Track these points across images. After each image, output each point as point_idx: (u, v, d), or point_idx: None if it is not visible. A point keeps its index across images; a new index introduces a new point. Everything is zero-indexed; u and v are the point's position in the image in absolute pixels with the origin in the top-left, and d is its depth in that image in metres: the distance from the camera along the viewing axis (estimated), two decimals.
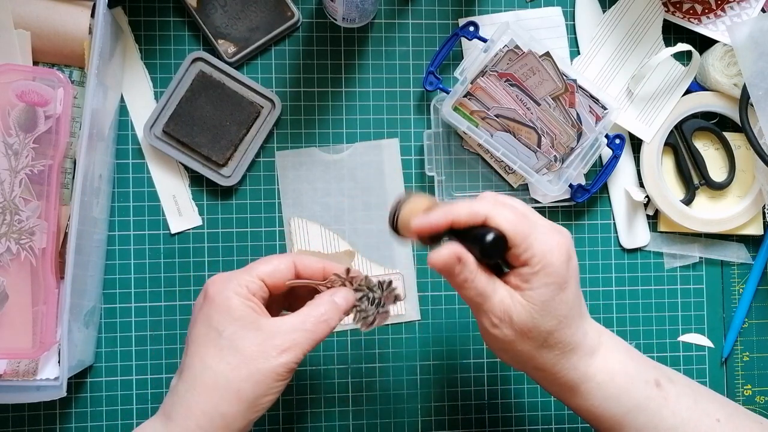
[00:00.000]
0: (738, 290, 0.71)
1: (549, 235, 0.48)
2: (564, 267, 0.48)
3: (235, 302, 0.48)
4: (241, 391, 0.47)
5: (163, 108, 0.65)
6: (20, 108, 0.58)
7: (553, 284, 0.47)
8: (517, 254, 0.47)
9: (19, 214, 0.58)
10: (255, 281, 0.50)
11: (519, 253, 0.47)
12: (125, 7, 0.66)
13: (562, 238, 0.49)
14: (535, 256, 0.47)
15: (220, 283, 0.49)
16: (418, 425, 0.68)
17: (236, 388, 0.47)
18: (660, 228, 0.70)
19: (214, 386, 0.47)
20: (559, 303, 0.48)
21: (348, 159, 0.68)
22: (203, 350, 0.48)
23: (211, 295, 0.49)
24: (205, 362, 0.47)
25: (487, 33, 0.65)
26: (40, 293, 0.58)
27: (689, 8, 0.69)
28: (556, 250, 0.47)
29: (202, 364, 0.48)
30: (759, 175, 0.69)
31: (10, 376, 0.59)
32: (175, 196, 0.66)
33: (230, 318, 0.48)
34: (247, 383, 0.47)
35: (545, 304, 0.47)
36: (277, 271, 0.51)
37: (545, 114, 0.65)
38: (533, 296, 0.47)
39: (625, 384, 0.50)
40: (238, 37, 0.66)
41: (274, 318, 0.49)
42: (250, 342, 0.47)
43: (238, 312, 0.48)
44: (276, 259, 0.51)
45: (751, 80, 0.66)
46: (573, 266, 0.49)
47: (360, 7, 0.63)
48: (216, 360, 0.47)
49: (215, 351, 0.48)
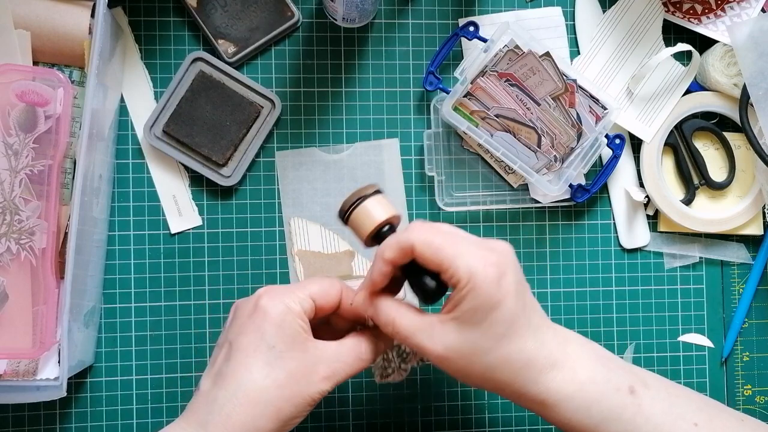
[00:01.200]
0: (738, 290, 0.71)
1: (476, 255, 0.47)
2: (493, 286, 0.46)
3: (289, 318, 0.48)
4: (281, 411, 0.47)
5: (163, 108, 0.65)
6: (20, 108, 0.58)
7: (482, 306, 0.46)
8: (447, 277, 0.47)
9: (19, 214, 0.58)
10: (307, 300, 0.50)
11: (448, 276, 0.47)
12: (125, 7, 0.66)
13: (492, 256, 0.47)
14: (462, 280, 0.46)
15: (276, 296, 0.49)
16: (418, 425, 0.68)
17: (278, 407, 0.47)
18: (660, 228, 0.70)
19: (257, 400, 0.47)
20: (494, 323, 0.47)
21: (348, 159, 0.68)
22: (251, 361, 0.47)
23: (264, 306, 0.49)
24: (251, 374, 0.47)
25: (487, 33, 0.65)
26: (40, 293, 0.58)
27: (689, 8, 0.69)
28: (482, 270, 0.46)
29: (249, 375, 0.47)
30: (759, 175, 0.69)
31: (10, 376, 0.59)
32: (175, 196, 0.66)
33: (282, 333, 0.48)
34: (287, 403, 0.47)
35: (477, 326, 0.47)
36: (327, 293, 0.51)
37: (545, 114, 0.65)
38: (464, 317, 0.47)
39: (594, 394, 0.49)
40: (238, 37, 0.66)
41: (318, 341, 0.50)
42: (298, 363, 0.48)
43: (289, 329, 0.48)
44: (327, 283, 0.52)
45: (751, 80, 0.66)
46: (507, 283, 0.47)
47: (360, 7, 0.63)
48: (263, 374, 0.47)
49: (263, 364, 0.47)
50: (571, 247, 0.70)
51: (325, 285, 0.51)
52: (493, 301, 0.46)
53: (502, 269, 0.47)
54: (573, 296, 0.69)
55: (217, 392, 0.47)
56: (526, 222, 0.69)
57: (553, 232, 0.69)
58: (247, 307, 0.50)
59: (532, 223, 0.69)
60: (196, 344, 0.66)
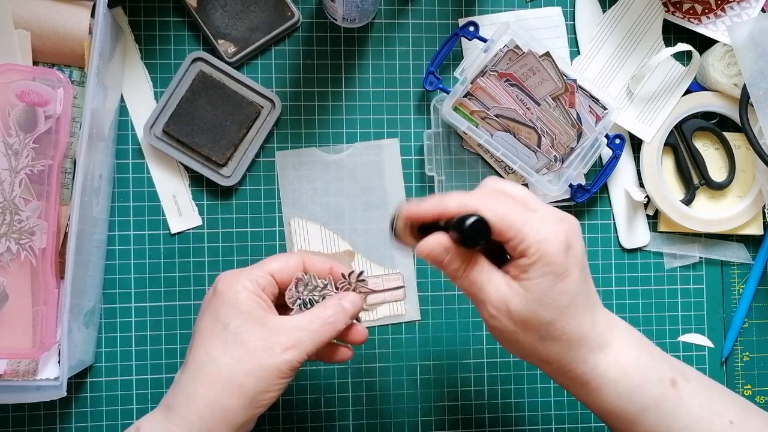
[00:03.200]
0: (738, 290, 0.71)
1: (546, 223, 0.46)
2: (561, 256, 0.46)
3: (243, 296, 0.49)
4: (244, 385, 0.47)
5: (163, 108, 0.65)
6: (20, 108, 0.58)
7: (550, 274, 0.46)
8: (513, 246, 0.46)
9: (19, 214, 0.58)
10: (265, 276, 0.50)
11: (514, 244, 0.46)
12: (125, 7, 0.66)
13: (562, 225, 0.47)
14: (531, 247, 0.46)
15: (230, 278, 0.50)
16: (418, 425, 0.68)
17: (239, 382, 0.47)
18: (660, 228, 0.70)
19: (216, 378, 0.47)
20: (559, 293, 0.46)
21: (348, 159, 0.68)
22: (208, 342, 0.48)
23: (220, 289, 0.50)
24: (209, 354, 0.48)
25: (487, 33, 0.65)
26: (40, 293, 0.58)
27: (689, 8, 0.69)
28: (553, 239, 0.46)
29: (207, 356, 0.48)
30: (759, 175, 0.69)
31: (10, 376, 0.59)
32: (175, 196, 0.66)
33: (237, 312, 0.48)
34: (249, 377, 0.47)
35: (543, 294, 0.46)
36: (286, 267, 0.51)
37: (545, 114, 0.65)
38: (530, 286, 0.46)
39: (638, 381, 0.49)
40: (238, 37, 0.66)
41: (281, 315, 0.50)
42: (255, 337, 0.48)
43: (245, 306, 0.49)
44: (285, 257, 0.52)
45: (751, 80, 0.66)
46: (574, 254, 0.47)
47: (360, 7, 0.63)
48: (220, 353, 0.48)
49: (220, 344, 0.48)
50: None
51: (283, 259, 0.52)
52: (561, 270, 0.46)
53: (571, 240, 0.47)
54: None
55: (180, 377, 0.49)
56: None
57: None
58: (208, 294, 0.51)
59: None
60: None
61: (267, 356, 0.47)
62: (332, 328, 0.50)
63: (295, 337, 0.48)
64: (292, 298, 0.52)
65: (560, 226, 0.47)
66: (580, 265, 0.47)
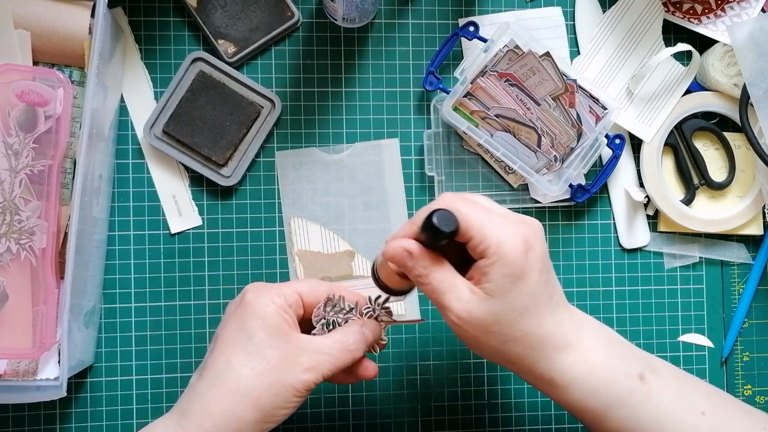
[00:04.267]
0: (738, 290, 0.71)
1: (506, 226, 0.47)
2: (521, 257, 0.47)
3: (271, 309, 0.49)
4: (260, 399, 0.47)
5: (163, 108, 0.65)
6: (20, 108, 0.58)
7: (510, 275, 0.46)
8: (473, 246, 0.47)
9: (19, 214, 0.58)
10: (293, 294, 0.51)
11: (474, 244, 0.47)
12: (125, 7, 0.66)
13: (521, 228, 0.48)
14: (490, 247, 0.46)
15: (259, 290, 0.50)
16: (418, 425, 0.68)
17: (256, 395, 0.47)
18: (660, 228, 0.70)
19: (235, 389, 0.47)
20: (518, 294, 0.47)
21: (348, 159, 0.68)
22: (230, 350, 0.48)
23: (248, 299, 0.50)
24: (230, 363, 0.48)
25: (487, 33, 0.65)
26: (40, 293, 0.58)
27: (689, 8, 0.69)
28: (511, 241, 0.47)
29: (228, 364, 0.48)
30: (759, 175, 0.69)
31: (10, 376, 0.59)
32: (175, 196, 0.66)
33: (263, 324, 0.48)
34: (267, 392, 0.47)
35: (503, 296, 0.47)
36: (315, 291, 0.52)
37: (545, 114, 0.65)
38: (490, 288, 0.47)
39: (605, 378, 0.49)
40: (238, 37, 0.66)
41: (304, 334, 0.50)
42: (278, 353, 0.48)
43: (271, 320, 0.49)
44: (316, 282, 0.53)
45: (751, 80, 0.66)
46: (534, 256, 0.47)
47: (360, 7, 0.63)
48: (242, 363, 0.48)
49: (242, 354, 0.48)
50: (571, 247, 0.70)
51: (313, 283, 0.53)
52: (520, 272, 0.47)
53: (530, 242, 0.47)
54: (573, 296, 0.69)
55: (198, 382, 0.49)
56: None
57: (553, 232, 0.69)
58: (234, 301, 0.51)
59: None
60: (196, 344, 0.66)
61: (287, 373, 0.48)
62: (351, 355, 0.50)
63: (316, 360, 0.49)
64: (318, 317, 0.52)
65: (520, 229, 0.48)
66: (540, 267, 0.48)
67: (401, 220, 0.67)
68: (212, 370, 0.48)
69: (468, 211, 0.47)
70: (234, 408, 0.47)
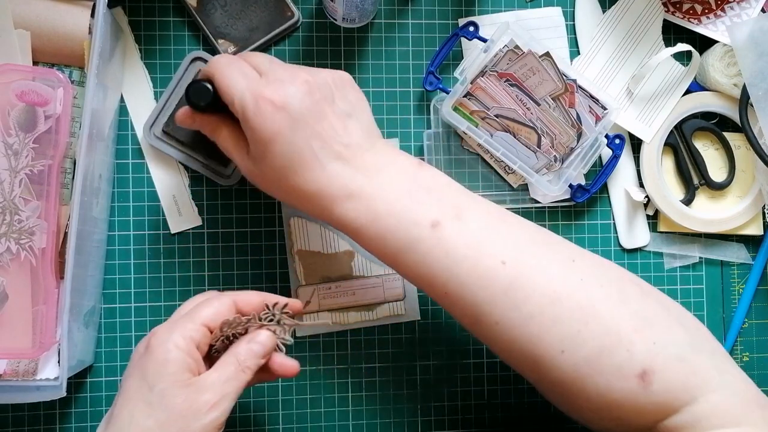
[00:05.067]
0: (738, 290, 0.71)
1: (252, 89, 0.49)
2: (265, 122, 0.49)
3: (173, 355, 0.48)
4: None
5: (163, 108, 0.65)
6: (20, 108, 0.58)
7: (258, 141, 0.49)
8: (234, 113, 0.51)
9: (19, 214, 0.58)
10: (198, 329, 0.49)
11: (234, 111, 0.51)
12: (125, 7, 0.66)
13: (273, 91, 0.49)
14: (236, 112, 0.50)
15: (162, 334, 0.49)
16: (418, 425, 0.68)
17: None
18: (660, 228, 0.70)
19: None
20: (271, 156, 0.49)
21: None
22: (133, 403, 0.47)
23: (152, 345, 0.48)
24: (133, 416, 0.47)
25: (487, 33, 0.65)
26: (40, 293, 0.58)
27: (689, 8, 0.69)
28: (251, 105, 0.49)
29: (131, 418, 0.47)
30: (759, 175, 0.69)
31: (10, 376, 0.59)
32: (175, 196, 0.66)
33: (164, 373, 0.47)
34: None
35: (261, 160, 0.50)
36: (219, 314, 0.50)
37: (545, 114, 0.65)
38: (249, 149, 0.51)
39: (389, 226, 0.50)
40: (238, 36, 0.66)
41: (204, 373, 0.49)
42: (182, 399, 0.47)
43: (172, 367, 0.47)
44: (216, 301, 0.51)
45: (751, 80, 0.66)
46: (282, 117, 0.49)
47: (360, 7, 0.63)
48: (144, 415, 0.46)
49: (144, 406, 0.47)
50: None
51: (214, 305, 0.51)
52: (268, 136, 0.49)
53: (281, 102, 0.49)
54: None
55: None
56: None
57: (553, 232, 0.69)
58: (139, 349, 0.50)
59: None
60: None
61: (193, 418, 0.46)
62: (250, 371, 0.49)
63: (219, 391, 0.47)
64: (215, 341, 0.51)
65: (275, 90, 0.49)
66: (291, 127, 0.49)
67: None
68: (116, 424, 0.47)
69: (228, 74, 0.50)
70: None
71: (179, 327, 0.49)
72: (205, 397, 0.47)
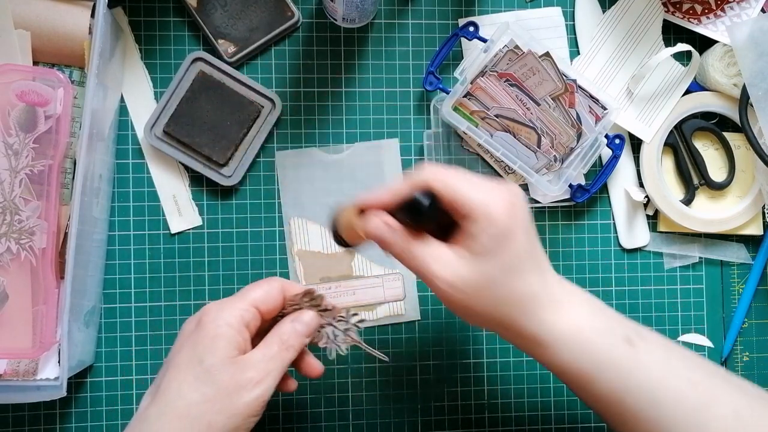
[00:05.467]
0: (738, 290, 0.71)
1: (490, 189, 0.49)
2: (506, 216, 0.48)
3: (223, 332, 0.49)
4: (212, 424, 0.47)
5: (163, 108, 0.65)
6: (20, 108, 0.58)
7: (496, 235, 0.47)
8: (458, 209, 0.48)
9: (19, 214, 0.58)
10: (249, 309, 0.50)
11: (459, 206, 0.48)
12: (125, 7, 0.66)
13: (503, 192, 0.49)
14: (476, 209, 0.47)
15: (214, 312, 0.50)
16: (418, 425, 0.68)
17: (207, 420, 0.47)
18: (660, 228, 0.70)
19: (186, 415, 0.47)
20: (506, 253, 0.48)
21: (348, 159, 0.68)
22: (182, 377, 0.48)
23: (203, 322, 0.49)
24: (181, 389, 0.47)
25: (487, 33, 0.65)
26: (40, 293, 0.58)
27: (689, 8, 0.69)
28: (498, 201, 0.48)
29: (178, 390, 0.47)
30: (759, 175, 0.69)
31: (10, 376, 0.59)
32: (175, 196, 0.66)
33: (214, 348, 0.48)
34: (219, 416, 0.47)
35: (491, 256, 0.47)
36: (269, 296, 0.51)
37: (545, 114, 0.65)
38: (477, 248, 0.47)
39: (592, 338, 0.49)
40: (238, 37, 0.66)
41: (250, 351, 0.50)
42: (229, 375, 0.47)
43: (222, 343, 0.48)
44: (266, 284, 0.52)
45: (750, 80, 0.66)
46: (520, 216, 0.48)
47: (360, 7, 0.63)
48: (192, 389, 0.47)
49: (192, 380, 0.47)
50: (571, 247, 0.70)
51: (264, 288, 0.52)
52: (507, 230, 0.48)
53: (514, 202, 0.49)
54: None
55: (151, 408, 0.48)
56: None
57: (553, 232, 0.70)
58: (189, 326, 0.51)
59: None
60: None
61: (237, 395, 0.47)
62: (293, 350, 0.50)
63: (262, 369, 0.48)
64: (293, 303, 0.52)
65: (503, 192, 0.49)
66: (525, 228, 0.49)
67: None
68: (163, 396, 0.48)
69: (453, 180, 0.48)
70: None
71: (230, 305, 0.50)
72: (249, 375, 0.48)
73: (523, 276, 0.48)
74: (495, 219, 0.47)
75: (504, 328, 0.50)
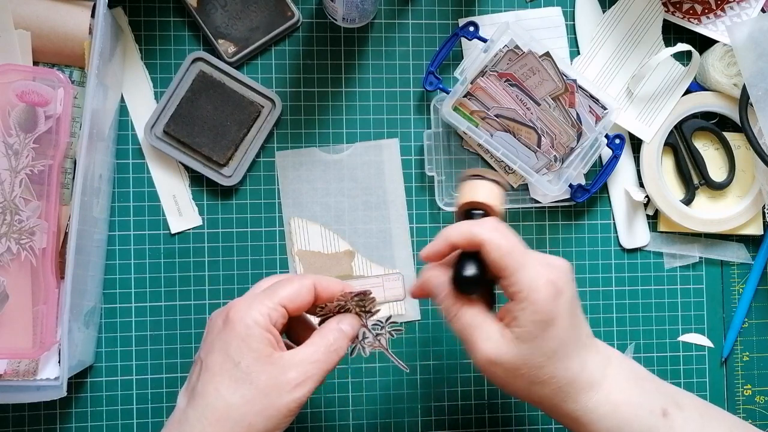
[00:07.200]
0: (738, 290, 0.71)
1: (538, 270, 0.48)
2: (550, 303, 0.48)
3: (254, 332, 0.48)
4: (253, 425, 0.47)
5: (163, 108, 0.65)
6: (20, 108, 0.58)
7: (539, 321, 0.48)
8: (506, 286, 0.49)
9: (19, 214, 0.58)
10: (277, 308, 0.49)
11: (507, 285, 0.48)
12: (125, 7, 0.66)
13: (552, 273, 0.49)
14: (521, 292, 0.47)
15: (243, 309, 0.49)
16: (418, 425, 0.68)
17: (248, 422, 0.47)
18: (660, 228, 0.70)
19: (226, 418, 0.47)
20: (547, 339, 0.48)
21: (348, 159, 0.68)
22: (218, 379, 0.48)
23: (232, 320, 0.48)
24: (219, 392, 0.47)
25: (487, 33, 0.65)
26: (40, 293, 0.58)
27: (689, 8, 0.69)
28: (543, 287, 0.48)
29: (216, 393, 0.47)
30: (759, 175, 0.69)
31: (10, 376, 0.59)
32: (175, 196, 0.66)
33: (247, 348, 0.47)
34: (259, 417, 0.47)
35: (532, 342, 0.48)
36: (298, 295, 0.50)
37: (545, 114, 0.65)
38: (519, 333, 0.48)
39: (628, 415, 0.50)
40: (238, 37, 0.66)
41: (288, 350, 0.49)
42: (266, 376, 0.47)
43: (255, 343, 0.48)
44: (297, 281, 0.51)
45: (751, 80, 0.66)
46: (564, 301, 0.48)
47: (360, 7, 0.63)
48: (230, 391, 0.47)
49: (230, 382, 0.47)
50: (571, 247, 0.70)
51: (295, 286, 0.50)
52: (550, 317, 0.48)
53: (560, 287, 0.49)
54: None
55: (189, 411, 0.48)
56: (526, 222, 0.69)
57: (553, 232, 0.70)
58: (217, 322, 0.50)
59: (532, 223, 0.69)
60: (196, 344, 0.66)
61: (277, 396, 0.47)
62: (336, 355, 0.50)
63: (303, 371, 0.48)
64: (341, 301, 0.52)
65: (551, 273, 0.49)
66: (569, 311, 0.49)
67: (401, 220, 0.67)
68: (202, 399, 0.47)
69: (509, 249, 0.48)
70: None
71: (258, 303, 0.49)
72: (291, 375, 0.47)
73: (563, 361, 0.49)
74: (539, 306, 0.47)
75: (539, 404, 0.51)
